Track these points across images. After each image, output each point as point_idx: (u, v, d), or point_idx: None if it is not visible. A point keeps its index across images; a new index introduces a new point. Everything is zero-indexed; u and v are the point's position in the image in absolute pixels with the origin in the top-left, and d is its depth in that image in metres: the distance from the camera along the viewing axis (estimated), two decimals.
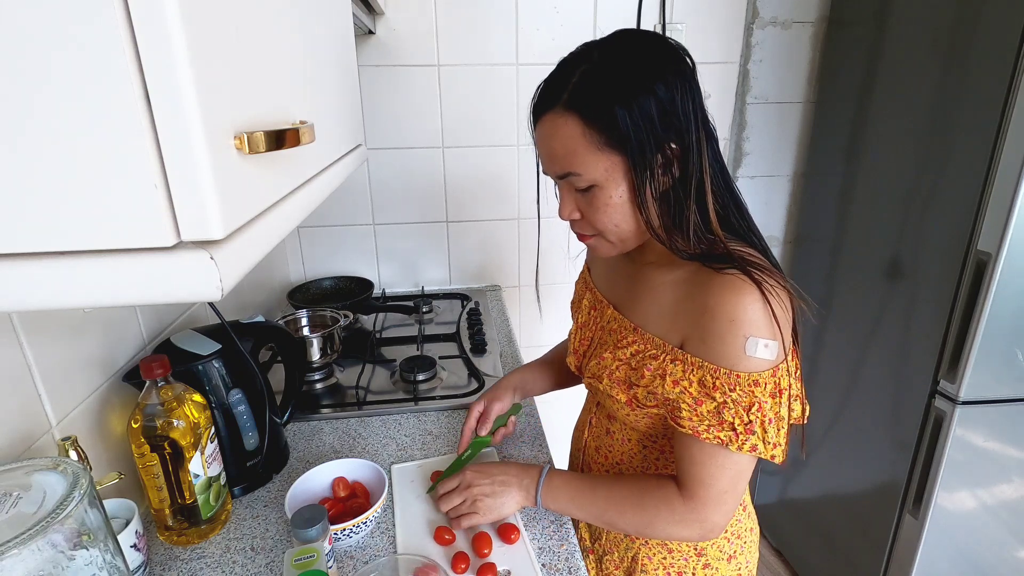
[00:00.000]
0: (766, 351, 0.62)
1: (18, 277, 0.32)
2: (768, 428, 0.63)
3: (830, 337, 1.67)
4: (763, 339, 0.61)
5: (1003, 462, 1.31)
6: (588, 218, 0.68)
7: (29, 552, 0.43)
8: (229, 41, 0.36)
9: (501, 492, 0.77)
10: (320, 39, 0.62)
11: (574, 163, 0.63)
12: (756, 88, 1.68)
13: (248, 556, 0.77)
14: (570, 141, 0.63)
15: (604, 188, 0.64)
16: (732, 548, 0.81)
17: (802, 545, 1.85)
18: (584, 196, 0.66)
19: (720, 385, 0.63)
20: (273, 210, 0.44)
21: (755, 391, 0.62)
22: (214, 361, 0.84)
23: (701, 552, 0.79)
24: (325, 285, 1.65)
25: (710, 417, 0.64)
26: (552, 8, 1.52)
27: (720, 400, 0.63)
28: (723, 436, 0.63)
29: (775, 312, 0.62)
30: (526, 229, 1.74)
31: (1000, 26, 1.09)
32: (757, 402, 0.62)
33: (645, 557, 0.81)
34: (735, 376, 0.62)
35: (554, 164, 0.66)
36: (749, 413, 0.62)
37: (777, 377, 0.64)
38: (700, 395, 0.64)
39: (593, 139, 0.62)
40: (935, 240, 1.27)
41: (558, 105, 0.63)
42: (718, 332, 0.62)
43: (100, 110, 0.30)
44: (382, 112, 1.55)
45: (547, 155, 0.67)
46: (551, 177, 0.70)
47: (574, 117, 0.62)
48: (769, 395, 0.63)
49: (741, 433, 0.63)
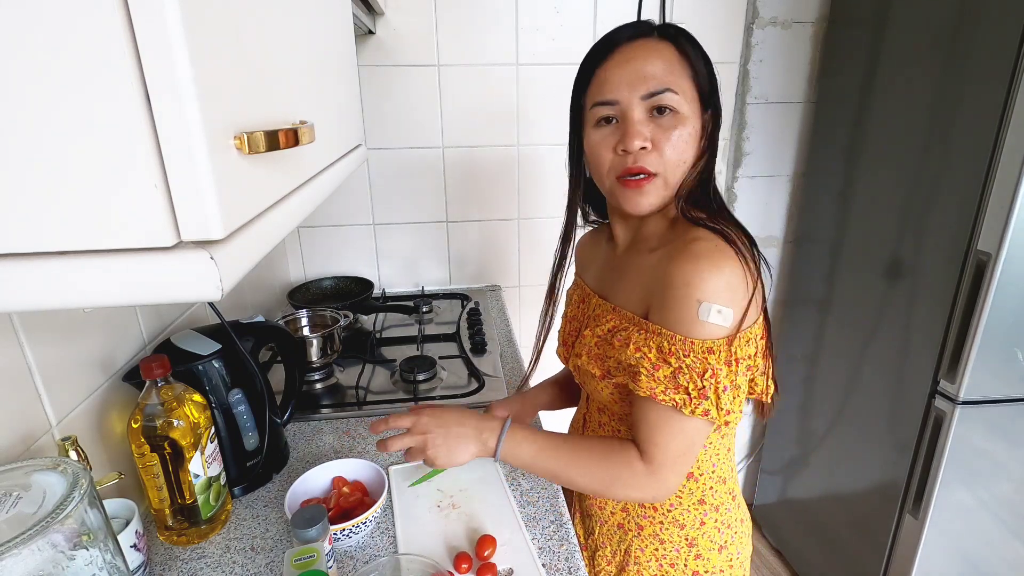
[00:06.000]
0: (719, 317, 0.63)
1: (18, 277, 0.32)
2: (722, 395, 0.65)
3: (830, 337, 1.67)
4: (716, 305, 0.63)
5: (1003, 462, 1.31)
6: (659, 148, 0.67)
7: (29, 552, 0.43)
8: (229, 41, 0.36)
9: (455, 445, 0.75)
10: (320, 39, 0.62)
11: (671, 81, 0.66)
12: (756, 88, 1.68)
13: (248, 556, 0.77)
14: (668, 63, 0.67)
15: (684, 118, 0.67)
16: (723, 538, 0.80)
17: (802, 545, 1.86)
18: (660, 123, 0.67)
19: (675, 351, 0.65)
20: (273, 210, 0.44)
21: (709, 358, 0.64)
22: (214, 361, 0.84)
23: (692, 543, 0.79)
24: (325, 285, 1.65)
25: (666, 381, 0.65)
26: (552, 8, 1.52)
27: (676, 365, 0.65)
28: (678, 399, 0.65)
29: (733, 281, 0.63)
30: (526, 229, 1.74)
31: (1000, 26, 1.09)
32: (711, 368, 0.64)
33: (638, 550, 0.81)
34: (689, 343, 0.64)
35: (647, 82, 0.66)
36: (703, 379, 0.64)
37: (734, 347, 0.65)
38: (658, 360, 0.66)
39: (683, 70, 0.67)
40: (935, 240, 1.27)
41: (650, 35, 0.68)
42: (674, 297, 0.65)
43: (100, 110, 0.30)
44: (382, 112, 1.55)
45: (637, 75, 0.67)
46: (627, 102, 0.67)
47: (669, 46, 0.67)
48: (724, 363, 0.64)
49: (695, 398, 0.64)
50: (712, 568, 0.80)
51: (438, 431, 0.75)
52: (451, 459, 0.75)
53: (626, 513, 0.82)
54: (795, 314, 1.85)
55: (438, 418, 0.76)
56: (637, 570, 0.82)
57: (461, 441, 0.75)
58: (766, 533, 2.07)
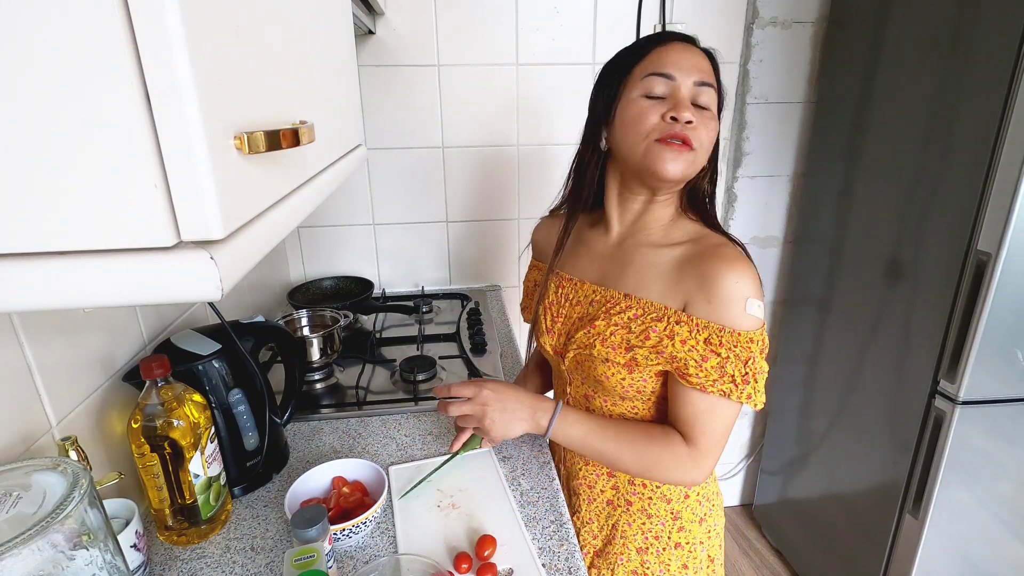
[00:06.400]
0: (759, 311, 0.72)
1: (18, 277, 0.32)
2: (758, 379, 0.72)
3: (830, 337, 1.67)
4: (757, 300, 0.72)
5: (1003, 462, 1.31)
6: (698, 130, 0.74)
7: (29, 552, 0.43)
8: (229, 41, 0.36)
9: (510, 420, 0.81)
10: (320, 39, 0.62)
11: (711, 80, 0.75)
12: (756, 88, 1.68)
13: (248, 556, 0.77)
14: (710, 68, 0.76)
15: (714, 116, 0.76)
16: (703, 510, 0.87)
17: (802, 545, 1.86)
18: (701, 113, 0.74)
19: (725, 342, 0.71)
20: (273, 210, 0.44)
21: (751, 347, 0.71)
22: (214, 361, 0.84)
23: (677, 515, 0.85)
24: (325, 285, 1.65)
25: (714, 372, 0.71)
26: (552, 8, 1.52)
27: (724, 356, 0.71)
28: (725, 388, 0.71)
29: (759, 280, 0.73)
30: (526, 229, 1.74)
31: (1000, 26, 1.09)
32: (752, 356, 0.71)
33: (625, 524, 0.86)
34: (737, 335, 0.71)
35: (699, 73, 0.75)
36: (747, 366, 0.71)
37: (764, 336, 0.73)
38: (706, 352, 0.72)
39: (716, 82, 0.77)
40: (935, 240, 1.27)
41: (696, 44, 0.77)
42: (725, 294, 0.71)
43: (100, 110, 0.30)
44: (382, 112, 1.55)
45: (692, 63, 0.75)
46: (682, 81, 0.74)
47: (709, 60, 0.77)
48: (759, 351, 0.72)
49: (739, 384, 0.71)
50: (692, 539, 0.86)
51: (496, 405, 0.81)
52: (505, 432, 0.81)
53: (616, 491, 0.87)
54: (795, 314, 1.85)
55: (498, 393, 0.82)
56: (623, 543, 0.86)
57: (516, 417, 0.81)
58: (766, 533, 2.06)
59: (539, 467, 0.94)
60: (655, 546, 0.85)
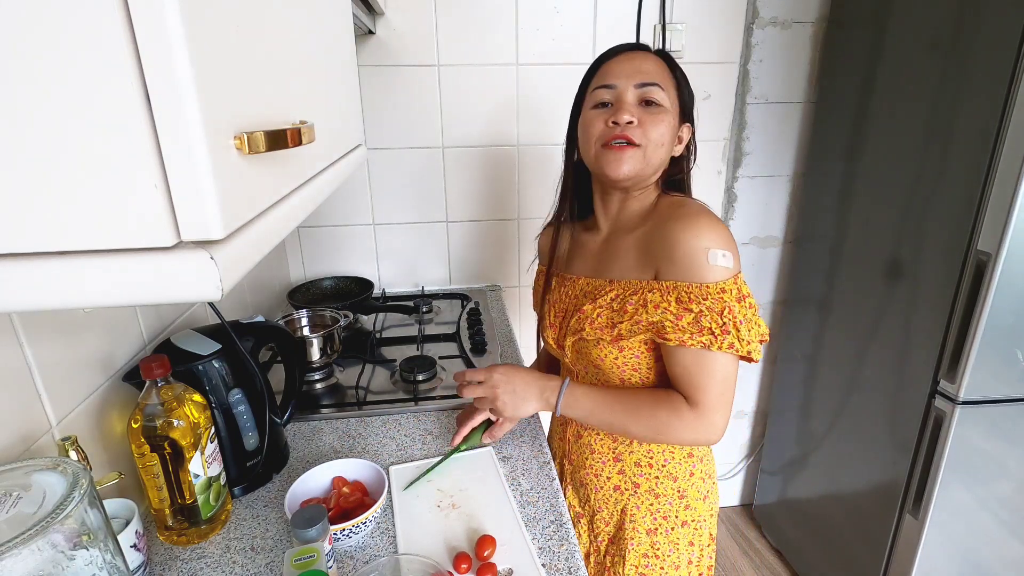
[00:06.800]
0: (725, 260, 0.74)
1: (18, 277, 0.32)
2: (740, 328, 0.73)
3: (830, 337, 1.67)
4: (720, 250, 0.73)
5: (1003, 462, 1.31)
6: (644, 126, 0.79)
7: (29, 552, 0.43)
8: (229, 41, 0.36)
9: (520, 400, 0.86)
10: (320, 39, 0.62)
11: (661, 79, 0.80)
12: (756, 88, 1.68)
13: (248, 556, 0.77)
14: (658, 68, 0.80)
15: (666, 111, 0.80)
16: (706, 487, 0.90)
17: (802, 545, 1.86)
18: (647, 110, 0.79)
19: (694, 297, 0.74)
20: (273, 210, 0.44)
21: (724, 297, 0.73)
22: (214, 361, 0.84)
23: (683, 494, 0.88)
24: (325, 285, 1.65)
25: (690, 327, 0.74)
26: (552, 8, 1.52)
27: (696, 310, 0.73)
28: (704, 340, 0.73)
29: (723, 230, 0.75)
30: (526, 229, 1.74)
31: (1000, 26, 1.09)
32: (727, 306, 0.73)
33: (634, 507, 0.89)
34: (705, 287, 0.73)
35: (641, 75, 0.79)
36: (723, 316, 0.73)
37: (738, 284, 0.75)
38: (679, 311, 0.74)
39: (670, 80, 0.81)
40: (935, 240, 1.27)
41: (648, 51, 0.82)
42: (684, 251, 0.74)
43: (100, 110, 0.30)
44: (382, 112, 1.55)
45: (633, 70, 0.80)
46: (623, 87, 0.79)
47: (660, 61, 0.82)
48: (735, 300, 0.74)
49: (719, 335, 0.73)
50: (698, 517, 0.90)
51: (506, 387, 0.86)
52: (516, 411, 0.86)
53: (623, 475, 0.90)
54: (795, 314, 1.85)
55: (508, 375, 0.87)
56: (633, 527, 0.89)
57: (526, 397, 0.86)
58: (766, 533, 2.06)
59: (539, 467, 0.94)
60: (664, 526, 0.88)
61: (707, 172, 1.75)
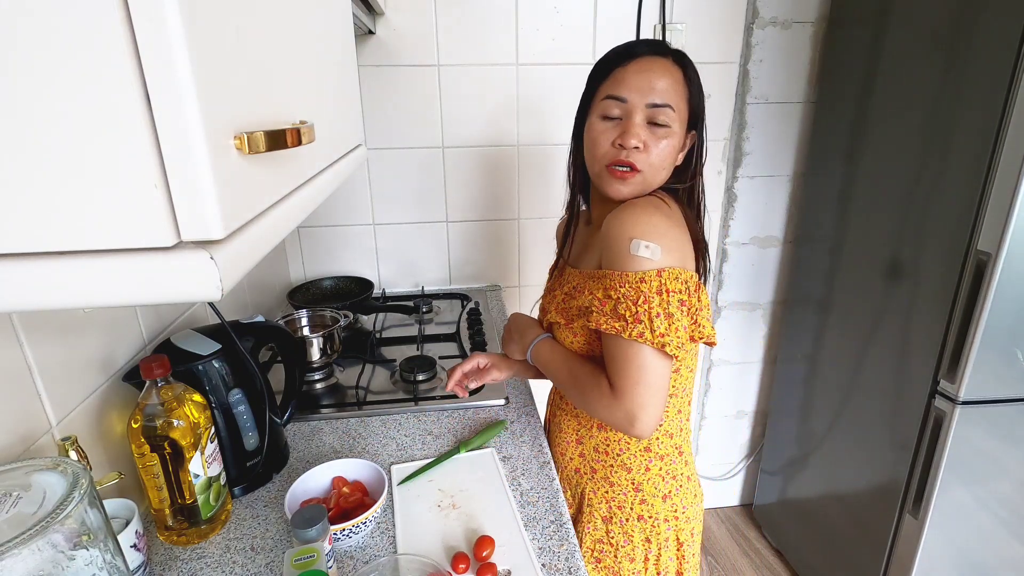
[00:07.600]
0: (648, 251, 0.74)
1: (18, 277, 0.32)
2: (655, 320, 0.73)
3: (830, 337, 1.67)
4: (644, 241, 0.74)
5: (1003, 462, 1.31)
6: (648, 151, 0.79)
7: (29, 552, 0.43)
8: (229, 41, 0.36)
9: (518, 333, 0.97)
10: (320, 39, 0.62)
11: (673, 100, 0.78)
12: (756, 88, 1.68)
13: (248, 556, 0.77)
14: (672, 83, 0.78)
15: (672, 132, 0.79)
16: (667, 487, 0.90)
17: (802, 545, 1.86)
18: (654, 132, 0.79)
19: (615, 285, 0.75)
20: (273, 210, 0.44)
21: (641, 287, 0.74)
22: (214, 361, 0.84)
23: (639, 487, 0.89)
24: (325, 285, 1.65)
25: (609, 314, 0.76)
26: (552, 8, 1.52)
27: (615, 298, 0.75)
28: (617, 325, 0.75)
29: (657, 222, 0.75)
30: (526, 229, 1.74)
31: (1000, 26, 1.09)
32: (643, 295, 0.73)
33: (591, 492, 0.92)
34: (624, 276, 0.75)
35: (654, 94, 0.77)
36: (636, 305, 0.73)
37: (663, 279, 0.74)
38: (604, 298, 0.77)
39: (682, 93, 0.79)
40: (935, 240, 1.27)
41: (667, 56, 0.79)
42: (611, 240, 0.76)
43: (100, 110, 0.30)
44: (382, 112, 1.55)
45: (647, 85, 0.77)
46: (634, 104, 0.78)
47: (679, 70, 0.79)
48: (655, 292, 0.74)
49: (630, 323, 0.74)
50: (655, 514, 0.89)
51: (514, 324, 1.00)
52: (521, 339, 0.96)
53: (583, 458, 0.93)
54: (795, 314, 1.85)
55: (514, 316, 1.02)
56: (590, 512, 0.92)
57: (523, 332, 0.96)
58: (766, 533, 2.07)
59: (539, 467, 0.94)
60: (618, 516, 0.90)
61: (707, 172, 1.74)
